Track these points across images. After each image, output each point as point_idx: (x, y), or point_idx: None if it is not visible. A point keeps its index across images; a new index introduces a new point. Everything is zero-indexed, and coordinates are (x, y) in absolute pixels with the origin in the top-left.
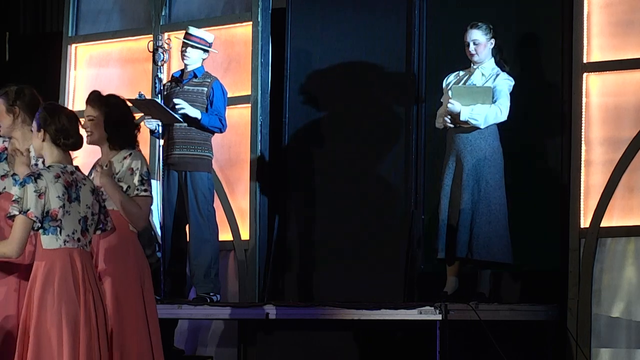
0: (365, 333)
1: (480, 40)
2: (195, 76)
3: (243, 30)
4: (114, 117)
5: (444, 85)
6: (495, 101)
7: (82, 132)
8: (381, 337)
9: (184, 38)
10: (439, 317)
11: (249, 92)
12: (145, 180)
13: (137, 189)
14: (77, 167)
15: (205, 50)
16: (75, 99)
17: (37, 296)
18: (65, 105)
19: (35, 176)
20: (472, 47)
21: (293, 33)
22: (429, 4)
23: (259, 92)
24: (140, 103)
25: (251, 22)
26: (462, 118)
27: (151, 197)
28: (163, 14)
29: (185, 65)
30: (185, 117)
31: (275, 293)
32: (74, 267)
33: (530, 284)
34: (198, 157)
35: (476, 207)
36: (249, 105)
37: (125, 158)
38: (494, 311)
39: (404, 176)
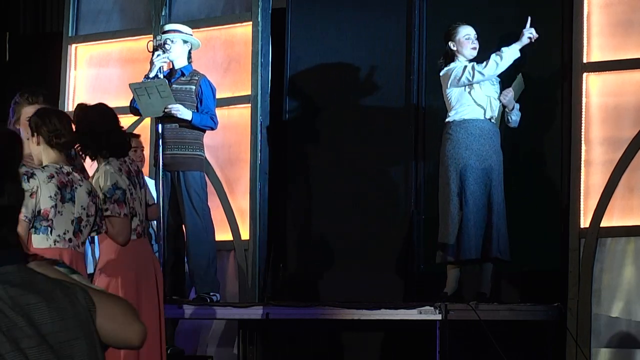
0: (365, 333)
1: (476, 36)
2: (182, 74)
3: (243, 30)
4: (81, 127)
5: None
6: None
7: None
8: (381, 337)
9: (163, 35)
10: (439, 317)
11: (249, 92)
12: (109, 198)
13: (101, 210)
14: (74, 168)
15: (185, 41)
16: (75, 99)
17: None
18: (66, 105)
19: (28, 175)
20: (475, 42)
21: (293, 33)
22: (429, 4)
23: (259, 92)
24: (142, 87)
25: (251, 22)
26: (512, 111)
27: (115, 215)
28: (163, 14)
29: (172, 63)
30: (177, 118)
31: (275, 293)
32: None
33: (530, 284)
34: (190, 157)
35: (500, 207)
36: (249, 105)
37: (96, 171)
38: (494, 311)
39: (404, 176)
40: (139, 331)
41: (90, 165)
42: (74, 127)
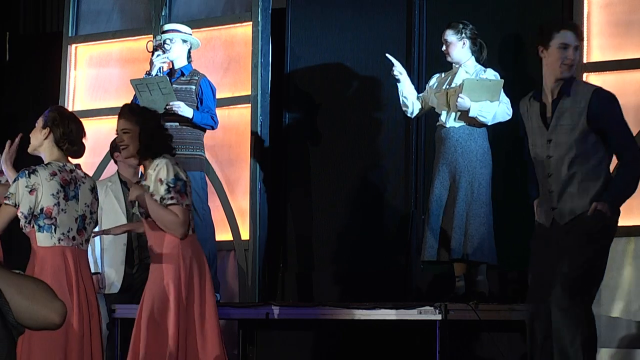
0: (365, 333)
1: (450, 40)
2: (182, 74)
3: (243, 30)
4: (149, 128)
5: (427, 85)
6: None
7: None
8: (381, 337)
9: (162, 35)
10: (439, 317)
11: (249, 92)
12: (172, 188)
13: (165, 199)
14: (77, 166)
15: (184, 41)
16: (75, 99)
17: None
18: (66, 105)
19: (30, 171)
20: (444, 47)
21: (293, 33)
22: (429, 4)
23: (259, 92)
24: (144, 83)
25: (251, 22)
26: (471, 114)
27: (179, 204)
28: (163, 14)
29: (172, 63)
30: (178, 115)
31: (275, 293)
32: (66, 265)
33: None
34: (190, 157)
35: (470, 208)
36: (249, 105)
37: (154, 169)
38: (494, 311)
39: (404, 176)
40: (59, 308)
41: (82, 163)
42: (136, 128)
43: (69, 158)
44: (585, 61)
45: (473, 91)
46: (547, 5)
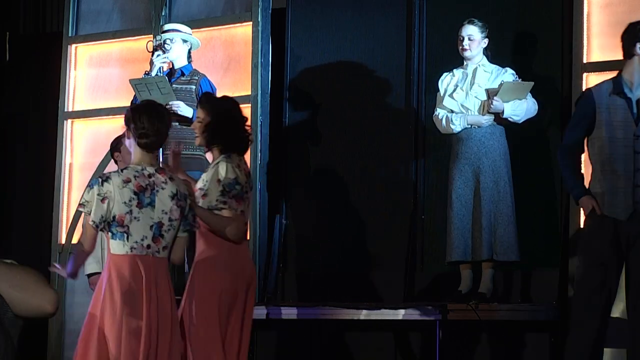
0: (365, 333)
1: (474, 37)
2: (182, 74)
3: (243, 30)
4: (215, 120)
5: (441, 87)
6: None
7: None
8: (381, 337)
9: (162, 34)
10: (439, 317)
11: (249, 92)
12: (227, 192)
13: (217, 201)
14: (160, 170)
15: (185, 41)
16: (75, 99)
17: (101, 301)
18: (66, 106)
19: (103, 179)
20: (466, 42)
21: (293, 33)
22: (429, 4)
23: (259, 92)
24: (143, 82)
25: (251, 22)
26: (505, 115)
27: (233, 209)
28: (163, 14)
29: (172, 63)
30: (178, 115)
31: (275, 293)
32: (137, 275)
33: (530, 284)
34: (190, 157)
35: (497, 207)
36: (249, 105)
37: (214, 166)
38: (494, 311)
39: (404, 176)
40: (51, 297)
41: (82, 163)
42: (206, 118)
43: (153, 154)
44: (585, 61)
45: (506, 93)
46: (547, 5)
